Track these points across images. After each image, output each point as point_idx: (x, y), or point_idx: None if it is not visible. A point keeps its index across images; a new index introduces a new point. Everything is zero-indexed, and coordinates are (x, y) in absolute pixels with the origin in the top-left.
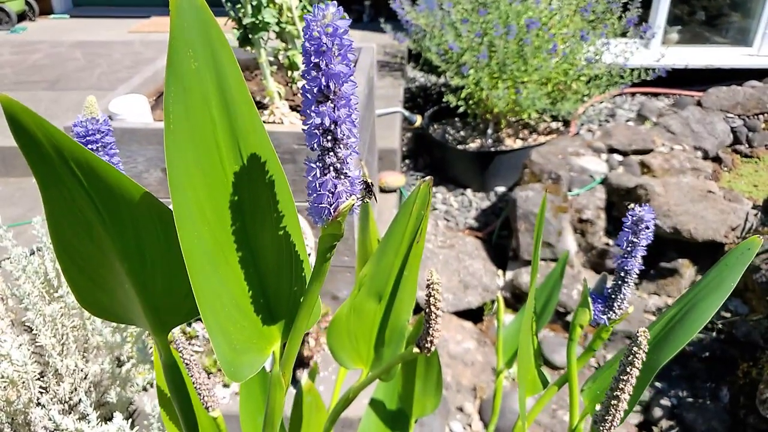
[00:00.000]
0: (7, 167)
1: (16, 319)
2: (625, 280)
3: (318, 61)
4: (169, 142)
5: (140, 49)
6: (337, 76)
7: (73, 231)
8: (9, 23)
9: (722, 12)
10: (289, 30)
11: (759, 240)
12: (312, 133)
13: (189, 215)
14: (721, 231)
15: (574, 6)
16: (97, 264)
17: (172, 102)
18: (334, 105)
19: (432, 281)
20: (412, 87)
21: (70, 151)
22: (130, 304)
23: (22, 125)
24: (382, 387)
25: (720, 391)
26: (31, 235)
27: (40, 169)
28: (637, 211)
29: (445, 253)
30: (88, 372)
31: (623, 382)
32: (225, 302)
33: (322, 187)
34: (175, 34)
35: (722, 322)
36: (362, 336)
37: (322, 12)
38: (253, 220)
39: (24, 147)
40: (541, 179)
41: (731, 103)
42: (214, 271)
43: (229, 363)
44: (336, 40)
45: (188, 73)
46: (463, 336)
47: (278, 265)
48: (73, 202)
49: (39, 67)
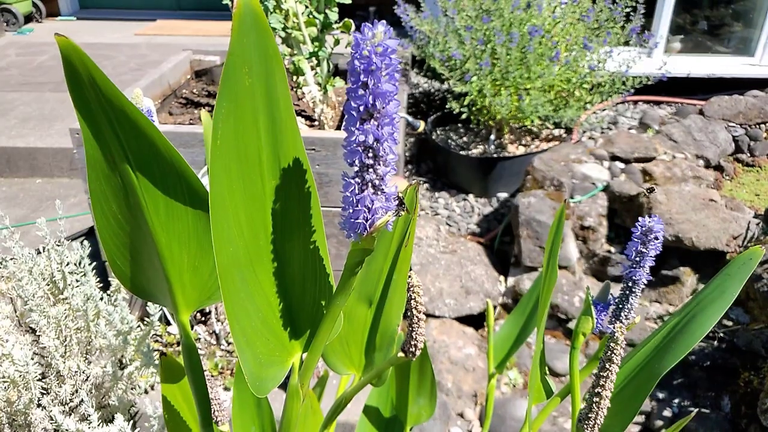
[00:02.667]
0: (11, 168)
1: (20, 319)
2: (632, 290)
3: (367, 79)
4: (214, 156)
5: (146, 52)
6: (384, 95)
7: (113, 195)
8: (16, 24)
9: (724, 22)
10: (295, 35)
11: (761, 250)
12: (354, 149)
13: (226, 229)
14: (722, 239)
15: (577, 14)
16: (131, 232)
17: (223, 117)
18: (378, 123)
19: (412, 284)
20: (415, 93)
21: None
22: (157, 279)
23: (77, 71)
24: (376, 394)
25: (721, 400)
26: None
27: (87, 118)
28: (646, 221)
29: (447, 259)
30: (90, 374)
31: (603, 378)
32: (252, 315)
33: (360, 203)
34: (234, 49)
35: (724, 331)
36: (353, 341)
37: (371, 31)
38: (283, 234)
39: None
40: (543, 186)
41: (733, 112)
42: (244, 284)
43: (255, 377)
44: (386, 60)
45: (242, 89)
46: (465, 342)
47: (303, 277)
48: (113, 161)
49: (45, 68)
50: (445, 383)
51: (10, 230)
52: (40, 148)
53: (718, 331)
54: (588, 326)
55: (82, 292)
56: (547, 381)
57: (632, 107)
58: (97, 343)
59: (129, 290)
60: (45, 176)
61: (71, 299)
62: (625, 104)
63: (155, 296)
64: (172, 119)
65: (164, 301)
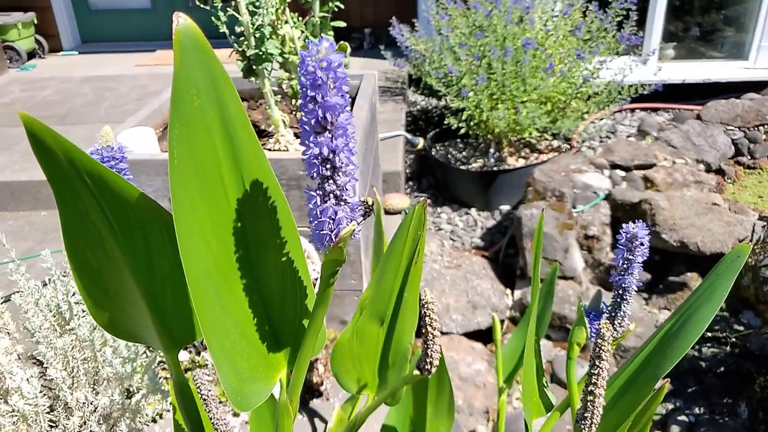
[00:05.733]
0: (15, 201)
1: (23, 353)
2: (623, 297)
3: (314, 94)
4: (173, 177)
5: (146, 82)
6: (333, 108)
7: (88, 245)
8: (19, 61)
9: (716, 27)
10: (292, 60)
11: (748, 247)
12: (311, 162)
13: (193, 246)
14: (728, 243)
15: (569, 26)
16: (111, 279)
17: (176, 138)
18: (331, 135)
19: (426, 300)
20: (413, 111)
21: (82, 162)
22: (143, 320)
23: (41, 141)
24: (394, 412)
25: (738, 407)
26: (41, 268)
27: (57, 182)
28: (630, 227)
29: (453, 274)
30: (98, 405)
31: (595, 376)
32: (230, 331)
33: (323, 214)
34: (179, 72)
35: (736, 335)
36: (366, 360)
37: (316, 47)
38: (256, 247)
39: (43, 162)
40: (545, 197)
41: (731, 116)
42: (219, 299)
43: (236, 392)
44: (330, 74)
45: (191, 110)
46: (474, 357)
47: (282, 291)
48: (86, 214)
49: (48, 102)
50: (456, 400)
51: (16, 263)
52: (44, 182)
53: (730, 336)
54: (582, 336)
55: (89, 321)
56: (545, 392)
57: (630, 115)
58: (104, 373)
59: (115, 336)
60: (49, 209)
61: (78, 329)
62: (622, 113)
63: (142, 336)
64: None
65: (151, 341)
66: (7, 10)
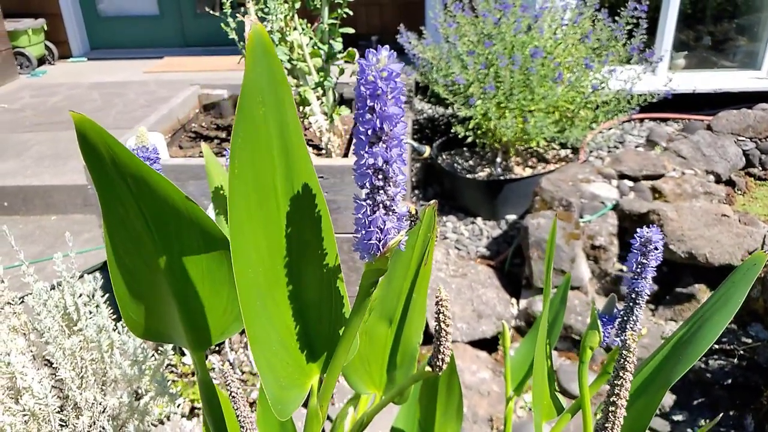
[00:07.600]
0: (27, 206)
1: (37, 353)
2: (636, 302)
3: (373, 104)
4: (233, 186)
5: (155, 89)
6: (391, 118)
7: (125, 247)
8: (30, 67)
9: (728, 36)
10: (300, 67)
11: (764, 255)
12: (364, 172)
13: (247, 256)
14: (737, 255)
15: (578, 35)
16: (144, 279)
17: (240, 146)
18: (386, 145)
19: (441, 297)
20: (420, 119)
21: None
22: (171, 320)
23: (88, 139)
24: (403, 414)
25: (744, 420)
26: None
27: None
28: (645, 232)
29: (458, 282)
30: (106, 405)
31: (618, 387)
32: (272, 339)
33: (372, 224)
34: (249, 80)
35: (744, 348)
36: (374, 360)
37: (375, 56)
38: (298, 257)
39: (89, 161)
40: (552, 206)
41: (742, 126)
42: (264, 309)
43: (277, 400)
44: (390, 84)
45: (257, 117)
46: (478, 366)
47: (319, 300)
48: (126, 216)
49: (58, 108)
50: None
51: (26, 265)
52: (54, 186)
53: (738, 348)
54: (595, 340)
55: (95, 323)
56: (556, 396)
57: (638, 125)
58: (112, 374)
59: (141, 337)
60: (60, 213)
61: (85, 330)
62: (631, 122)
63: (169, 336)
64: (183, 153)
65: (179, 340)
66: (18, 17)
